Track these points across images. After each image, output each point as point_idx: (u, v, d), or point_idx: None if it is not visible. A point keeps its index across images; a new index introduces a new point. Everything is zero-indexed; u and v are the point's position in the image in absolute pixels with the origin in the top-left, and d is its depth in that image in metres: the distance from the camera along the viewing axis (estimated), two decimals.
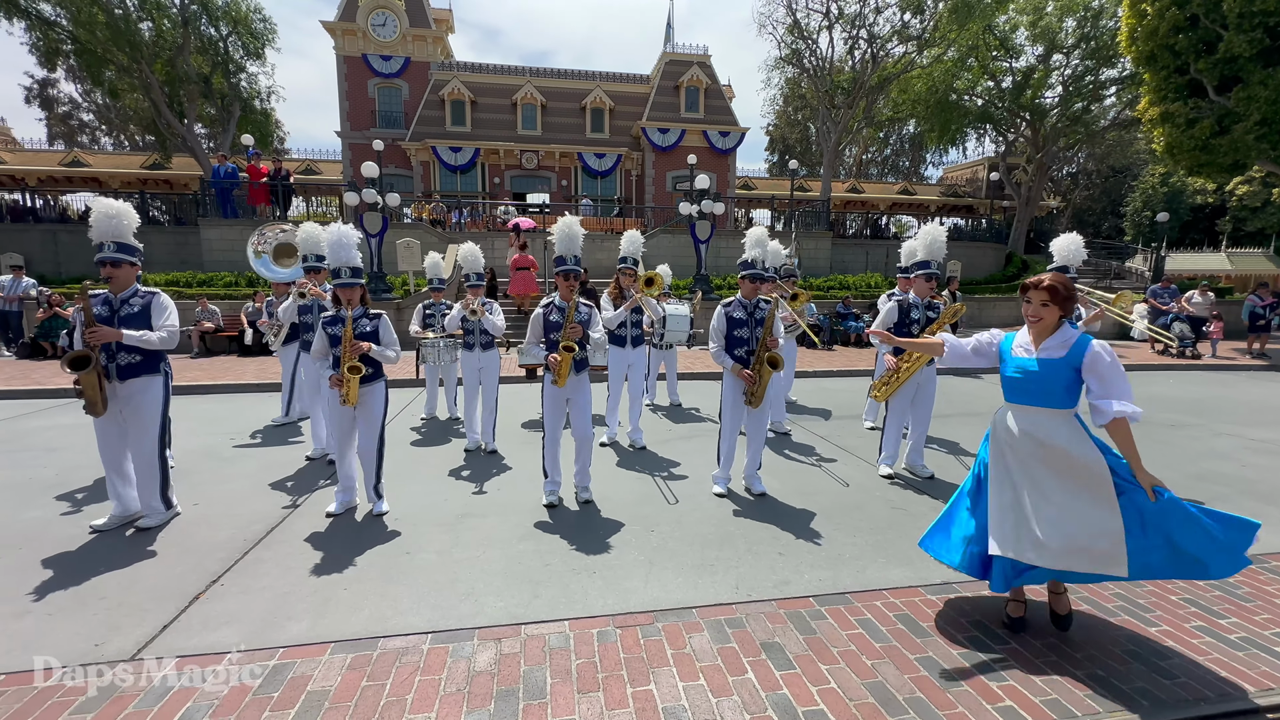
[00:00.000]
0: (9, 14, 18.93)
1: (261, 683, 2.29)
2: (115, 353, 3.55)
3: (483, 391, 5.45)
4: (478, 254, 5.48)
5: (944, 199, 31.04)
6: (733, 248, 18.56)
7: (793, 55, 23.20)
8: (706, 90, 25.75)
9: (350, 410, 3.86)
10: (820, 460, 5.29)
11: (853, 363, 11.11)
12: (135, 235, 3.66)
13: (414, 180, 24.78)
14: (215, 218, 16.13)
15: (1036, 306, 2.46)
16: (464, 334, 5.45)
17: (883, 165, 41.55)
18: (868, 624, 2.73)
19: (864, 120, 24.25)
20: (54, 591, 2.96)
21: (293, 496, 4.30)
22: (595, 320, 4.15)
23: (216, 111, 23.49)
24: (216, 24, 21.68)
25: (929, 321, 4.63)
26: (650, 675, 2.36)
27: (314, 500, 4.25)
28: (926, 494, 4.44)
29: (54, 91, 35.88)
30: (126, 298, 3.61)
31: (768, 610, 2.84)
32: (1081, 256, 4.83)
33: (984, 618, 2.77)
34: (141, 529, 3.68)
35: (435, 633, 2.62)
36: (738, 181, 28.16)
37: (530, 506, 4.14)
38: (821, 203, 21.69)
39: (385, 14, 24.21)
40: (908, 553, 3.46)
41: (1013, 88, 22.95)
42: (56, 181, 25.38)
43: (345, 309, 3.80)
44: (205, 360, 10.81)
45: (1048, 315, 2.45)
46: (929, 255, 4.68)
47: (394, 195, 13.34)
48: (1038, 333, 2.50)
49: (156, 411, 3.72)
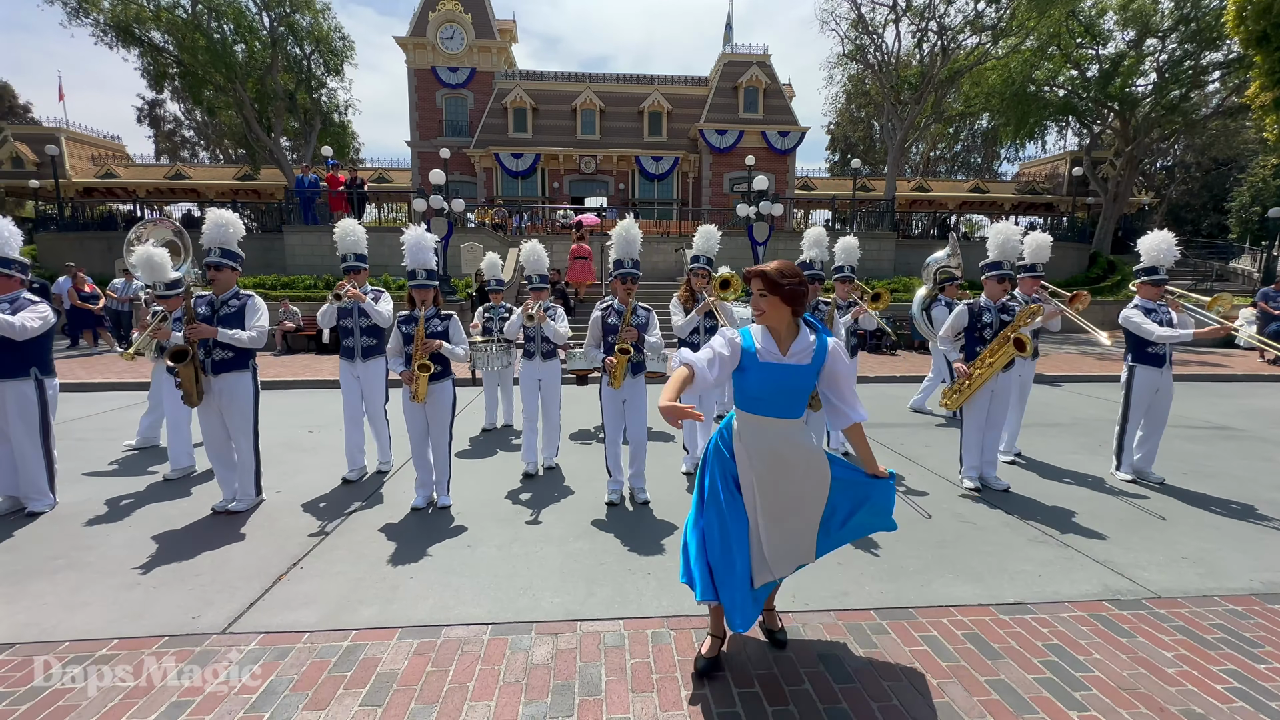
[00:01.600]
0: (126, 43, 21.05)
1: (336, 661, 2.43)
2: (211, 349, 3.86)
3: (543, 406, 4.97)
4: (541, 253, 4.88)
5: (1020, 196, 29.32)
6: (791, 249, 18.21)
7: (856, 51, 22.53)
8: (766, 90, 25.40)
9: (421, 409, 4.03)
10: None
11: (917, 368, 10.67)
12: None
13: (477, 186, 25.67)
14: (298, 224, 17.25)
15: (756, 298, 2.21)
16: (524, 340, 4.98)
17: (952, 162, 39.71)
18: (933, 641, 2.61)
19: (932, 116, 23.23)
20: (158, 567, 3.25)
21: (365, 487, 4.55)
22: (653, 324, 4.18)
23: (299, 125, 25.17)
24: (301, 44, 23.25)
25: (1003, 325, 4.39)
26: (705, 680, 2.34)
27: (383, 492, 4.48)
28: (1000, 508, 4.21)
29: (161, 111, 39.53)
30: (226, 299, 3.93)
31: (825, 621, 2.77)
32: (1174, 256, 4.48)
33: (1064, 643, 2.60)
34: (233, 512, 3.99)
35: (495, 624, 2.70)
36: (797, 182, 27.62)
37: (586, 505, 4.20)
38: (885, 202, 20.94)
39: (453, 27, 25.21)
40: (977, 569, 3.29)
41: (1099, 76, 21.38)
42: (162, 193, 27.87)
43: (420, 309, 3.98)
44: (286, 357, 11.59)
45: (768, 307, 2.18)
46: (1001, 255, 4.45)
47: (459, 201, 13.88)
48: (776, 333, 2.23)
49: (249, 405, 4.02)
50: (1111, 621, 2.76)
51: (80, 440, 5.81)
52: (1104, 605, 2.91)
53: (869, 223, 20.69)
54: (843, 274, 5.04)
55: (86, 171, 26.39)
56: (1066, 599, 2.97)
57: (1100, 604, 2.92)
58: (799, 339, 2.22)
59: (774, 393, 2.21)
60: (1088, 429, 6.55)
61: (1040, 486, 4.68)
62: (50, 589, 3.01)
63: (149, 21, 20.73)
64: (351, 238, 4.58)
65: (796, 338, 2.22)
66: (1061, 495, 4.50)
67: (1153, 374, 4.67)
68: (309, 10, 22.76)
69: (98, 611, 2.80)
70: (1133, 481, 4.78)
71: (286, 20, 22.44)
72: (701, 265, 4.67)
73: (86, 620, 2.73)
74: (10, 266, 3.86)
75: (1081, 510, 4.19)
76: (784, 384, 2.20)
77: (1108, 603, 2.93)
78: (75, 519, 3.91)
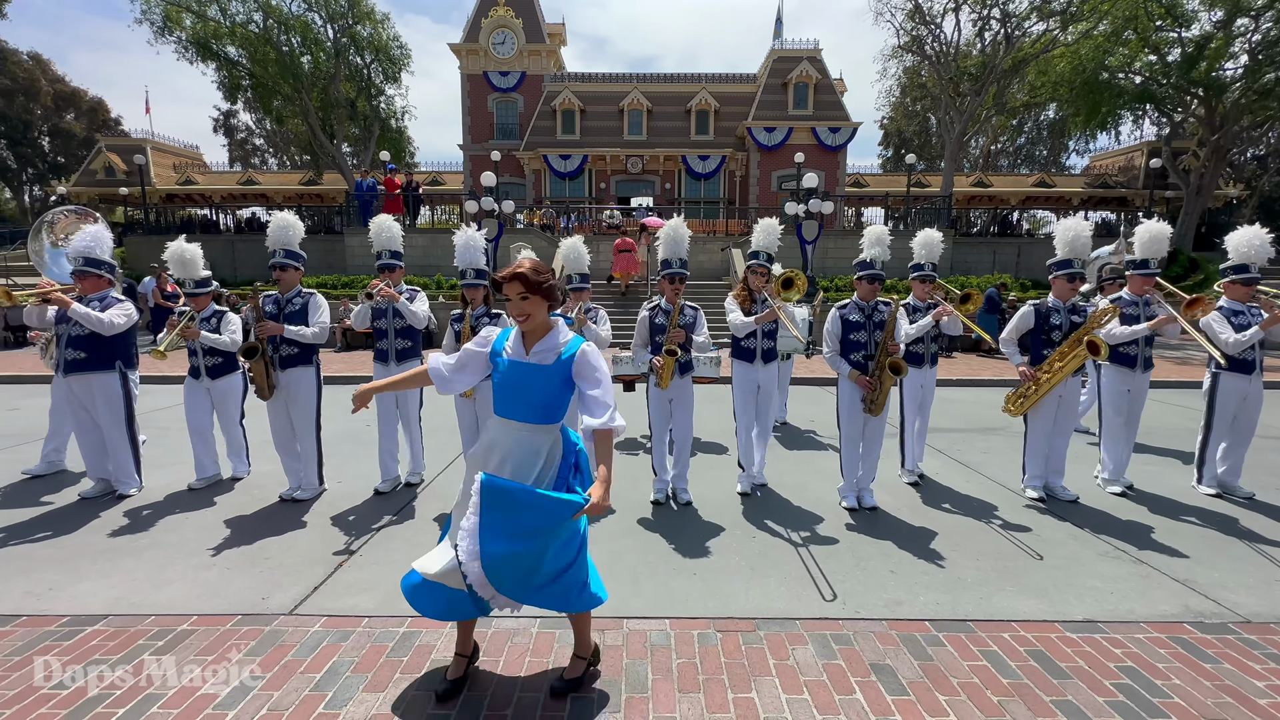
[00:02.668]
0: (204, 58, 22.58)
1: (393, 646, 2.53)
2: (279, 345, 4.08)
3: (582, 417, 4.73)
4: (582, 251, 4.63)
5: (1090, 190, 27.63)
6: (841, 248, 17.77)
7: (913, 42, 21.82)
8: (817, 85, 24.86)
9: (471, 404, 4.15)
10: (938, 475, 4.93)
11: (976, 371, 10.25)
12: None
13: (526, 188, 26.15)
14: (357, 226, 18.00)
15: (517, 303, 2.04)
16: None
17: (1015, 155, 37.87)
18: (994, 657, 2.50)
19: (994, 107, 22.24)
20: (231, 549, 3.46)
21: (421, 479, 4.71)
22: (700, 323, 4.14)
23: (360, 131, 26.28)
24: (362, 53, 24.27)
25: (1073, 327, 4.15)
26: (752, 683, 2.32)
27: (437, 484, 4.62)
28: (1068, 520, 3.99)
29: (234, 121, 42.11)
30: (290, 297, 4.14)
31: (878, 630, 2.69)
32: (1267, 254, 4.15)
33: (1140, 666, 2.44)
34: (298, 500, 4.21)
35: (542, 618, 2.75)
36: (848, 179, 26.92)
37: (631, 504, 4.22)
38: (942, 198, 20.18)
39: (505, 33, 25.76)
40: (1041, 583, 3.13)
41: (1181, 61, 19.91)
42: (235, 198, 29.62)
43: (469, 308, 4.10)
44: (346, 354, 12.13)
45: (533, 309, 2.05)
46: (1071, 253, 4.18)
47: (509, 202, 14.22)
48: (529, 333, 2.12)
49: (312, 399, 4.23)
50: (1193, 645, 2.58)
51: (162, 429, 6.25)
52: (1185, 627, 2.72)
53: (924, 220, 19.95)
54: (922, 272, 4.50)
55: (169, 179, 28.34)
56: (1142, 619, 2.79)
57: (1180, 626, 2.73)
58: (547, 339, 2.12)
59: (512, 392, 2.10)
60: (1165, 438, 6.12)
61: (1113, 499, 4.41)
62: (139, 566, 3.25)
63: (225, 37, 22.14)
64: (387, 234, 4.35)
65: (545, 337, 2.12)
66: (1136, 509, 4.22)
67: (1240, 381, 4.33)
68: (370, 21, 23.75)
69: (180, 590, 3.01)
70: (1217, 496, 4.44)
71: (349, 31, 23.49)
72: (760, 262, 4.23)
73: (170, 597, 2.93)
74: (101, 268, 4.19)
75: (1159, 525, 3.92)
76: (521, 383, 2.09)
77: (1189, 625, 2.74)
78: (159, 502, 4.21)
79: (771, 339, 4.29)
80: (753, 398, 4.34)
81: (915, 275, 4.54)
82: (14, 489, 4.47)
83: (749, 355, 4.28)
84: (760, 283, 4.23)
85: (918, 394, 4.63)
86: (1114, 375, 4.56)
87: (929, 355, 4.61)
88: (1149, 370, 4.51)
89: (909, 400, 4.65)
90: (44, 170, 40.76)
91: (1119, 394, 4.54)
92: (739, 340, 4.29)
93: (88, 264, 4.13)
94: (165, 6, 21.27)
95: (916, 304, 4.60)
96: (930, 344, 4.59)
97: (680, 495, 4.26)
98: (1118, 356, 4.48)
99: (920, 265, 4.50)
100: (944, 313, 4.32)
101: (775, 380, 4.49)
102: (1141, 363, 4.47)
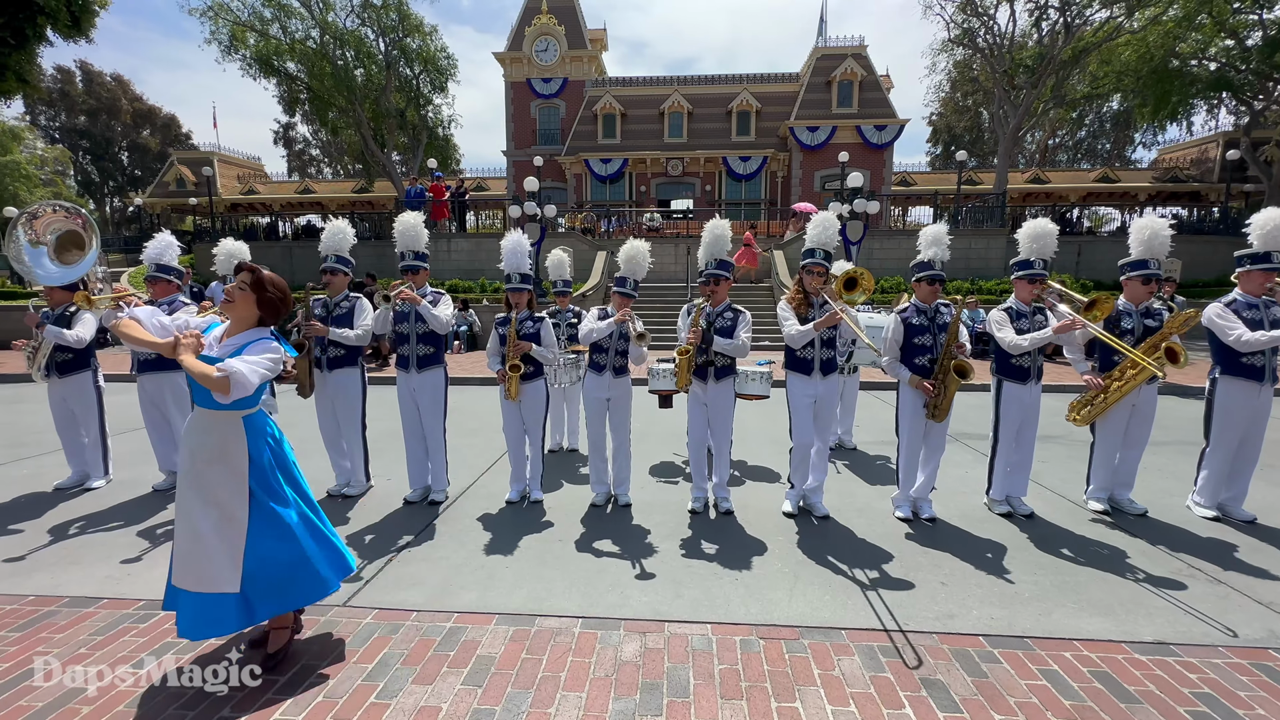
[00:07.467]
0: (266, 74, 23.82)
1: (440, 641, 2.59)
2: (325, 346, 4.24)
3: (611, 431, 4.26)
4: (644, 255, 4.15)
5: (1158, 185, 26.09)
6: (887, 249, 17.29)
7: (964, 35, 21.09)
8: (861, 83, 24.34)
9: (516, 407, 4.21)
10: None
11: None
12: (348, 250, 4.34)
13: (568, 192, 26.50)
14: None
15: (235, 286, 2.25)
16: (593, 352, 4.13)
17: (1074, 150, 36.11)
18: (1054, 676, 2.38)
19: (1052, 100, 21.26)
20: None
21: (467, 477, 4.81)
22: (742, 323, 3.94)
23: (408, 140, 27.18)
24: (411, 64, 25.11)
25: (1147, 331, 3.88)
26: (796, 693, 2.27)
27: (482, 483, 4.72)
28: (1138, 536, 3.76)
29: (293, 133, 44.24)
30: (338, 301, 4.30)
31: (928, 643, 2.59)
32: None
33: (1218, 693, 2.28)
34: (346, 496, 4.37)
35: (585, 618, 2.77)
36: (894, 178, 26.21)
37: (672, 507, 4.21)
38: (995, 196, 19.38)
39: (548, 40, 26.22)
40: (1106, 601, 2.96)
41: (1263, 44, 18.58)
42: (293, 206, 31.12)
43: (514, 312, 4.15)
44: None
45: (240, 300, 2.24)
46: (1147, 253, 3.89)
47: (551, 207, 14.41)
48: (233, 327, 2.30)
49: (357, 399, 4.38)
50: (1279, 673, 2.39)
51: None
52: (1270, 654, 2.52)
53: (975, 219, 19.20)
54: (1030, 270, 3.84)
55: (233, 189, 30.01)
56: (1220, 643, 2.61)
57: (1265, 652, 2.54)
58: (243, 337, 2.26)
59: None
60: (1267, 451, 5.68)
61: (1187, 514, 4.13)
62: None
63: (285, 54, 23.30)
64: (411, 234, 4.16)
65: (241, 334, 2.26)
66: (1218, 526, 3.94)
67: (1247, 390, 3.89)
68: (419, 33, 24.56)
69: None
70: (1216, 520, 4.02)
71: (399, 44, 24.36)
72: (818, 260, 3.75)
73: None
74: (169, 273, 4.47)
75: (1243, 544, 3.65)
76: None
77: (1275, 651, 2.54)
78: None
79: (831, 348, 3.89)
80: (809, 414, 3.96)
81: (1023, 274, 3.90)
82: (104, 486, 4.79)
83: (805, 367, 3.88)
84: (817, 283, 3.79)
85: (1016, 415, 3.96)
86: (1231, 389, 3.93)
87: (1035, 369, 3.92)
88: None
89: (1005, 423, 3.98)
90: (123, 183, 43.83)
91: (1236, 409, 3.94)
92: (794, 351, 3.91)
93: (159, 270, 4.40)
94: (232, 27, 22.54)
95: (1021, 308, 3.91)
96: (1037, 355, 3.93)
97: (721, 504, 4.19)
98: (1240, 368, 3.85)
99: (1029, 262, 3.87)
100: (1073, 325, 3.65)
101: (836, 394, 4.12)
102: (1270, 374, 3.82)
